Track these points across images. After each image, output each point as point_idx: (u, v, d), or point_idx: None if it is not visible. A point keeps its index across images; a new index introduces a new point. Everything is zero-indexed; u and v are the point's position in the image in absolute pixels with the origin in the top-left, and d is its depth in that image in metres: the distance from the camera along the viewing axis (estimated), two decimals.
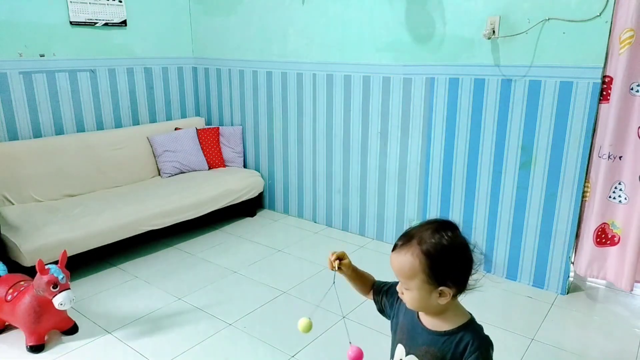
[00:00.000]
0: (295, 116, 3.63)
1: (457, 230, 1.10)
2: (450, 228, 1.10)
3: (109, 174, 3.43)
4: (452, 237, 1.07)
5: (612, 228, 2.45)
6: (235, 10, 3.77)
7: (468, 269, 1.09)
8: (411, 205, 3.18)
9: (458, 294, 1.10)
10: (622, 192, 2.37)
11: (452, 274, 1.06)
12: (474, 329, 1.11)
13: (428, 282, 1.06)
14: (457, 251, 1.07)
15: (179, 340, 2.24)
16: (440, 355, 1.11)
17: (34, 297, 2.09)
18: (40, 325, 2.13)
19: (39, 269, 2.05)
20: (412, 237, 1.09)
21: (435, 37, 2.83)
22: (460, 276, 1.08)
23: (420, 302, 1.10)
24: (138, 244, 3.22)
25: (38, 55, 3.24)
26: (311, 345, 2.20)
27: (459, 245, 1.08)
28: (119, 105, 3.75)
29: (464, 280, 1.09)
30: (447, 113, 2.88)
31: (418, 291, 1.08)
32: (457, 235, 1.09)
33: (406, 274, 1.09)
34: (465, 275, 1.08)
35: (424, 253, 1.06)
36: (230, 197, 3.55)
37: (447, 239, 1.07)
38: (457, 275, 1.07)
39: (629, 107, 2.27)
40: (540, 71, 2.51)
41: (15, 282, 2.22)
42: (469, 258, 1.09)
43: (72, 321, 2.29)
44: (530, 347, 2.21)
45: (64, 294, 2.06)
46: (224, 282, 2.81)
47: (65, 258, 2.16)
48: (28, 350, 2.14)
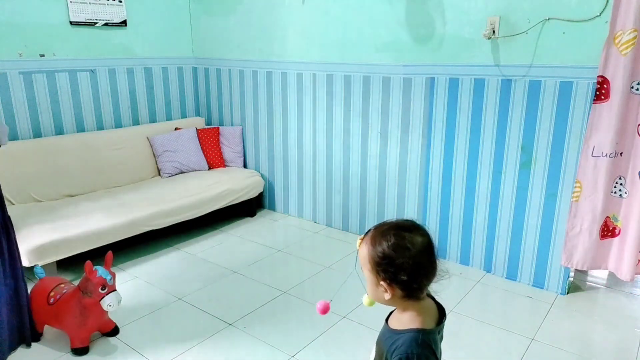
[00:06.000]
0: (295, 116, 3.63)
1: (418, 234, 1.08)
2: (410, 230, 1.09)
3: (109, 174, 3.43)
4: (400, 236, 1.06)
5: (612, 221, 2.49)
6: (235, 10, 3.77)
7: (410, 271, 1.05)
8: (411, 205, 3.18)
9: (407, 297, 1.09)
10: (622, 187, 2.42)
11: (389, 270, 1.06)
12: (413, 337, 1.07)
13: (373, 273, 1.10)
14: (398, 251, 1.05)
15: (179, 340, 2.24)
16: (383, 349, 1.13)
17: (80, 300, 2.07)
18: (86, 328, 2.11)
19: (87, 270, 2.04)
20: (376, 228, 1.12)
21: (435, 37, 2.83)
22: (399, 275, 1.05)
23: (371, 290, 1.13)
24: (138, 244, 3.23)
25: (38, 55, 3.24)
26: (311, 345, 2.20)
27: (402, 246, 1.06)
28: (119, 105, 3.75)
29: (405, 281, 1.06)
30: (447, 113, 2.88)
31: (369, 280, 1.12)
32: (406, 237, 1.06)
33: (361, 262, 1.13)
34: (406, 276, 1.05)
35: (371, 245, 1.09)
36: (230, 197, 3.55)
37: (394, 238, 1.06)
38: (395, 273, 1.06)
39: (630, 105, 2.29)
40: (540, 71, 2.51)
41: (56, 285, 2.21)
42: (413, 260, 1.05)
43: (113, 323, 2.28)
44: (530, 347, 2.21)
45: (112, 295, 2.06)
46: (224, 282, 2.81)
47: (111, 259, 2.16)
48: (72, 354, 2.12)
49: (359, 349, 2.16)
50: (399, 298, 1.09)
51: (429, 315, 1.12)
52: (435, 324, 1.12)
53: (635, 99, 2.28)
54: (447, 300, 2.56)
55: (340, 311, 2.45)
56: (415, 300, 1.10)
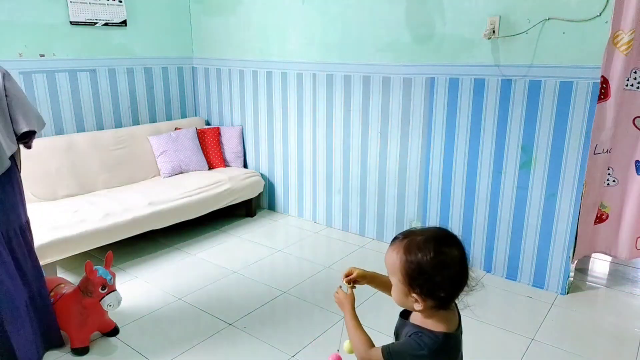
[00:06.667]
0: (295, 116, 3.63)
1: (455, 248, 1.07)
2: (448, 244, 1.07)
3: (108, 174, 3.43)
4: (441, 252, 1.04)
5: (600, 208, 2.63)
6: (235, 10, 3.77)
7: (448, 288, 1.05)
8: (411, 205, 3.18)
9: (438, 308, 1.08)
10: (610, 176, 2.56)
11: (426, 286, 1.04)
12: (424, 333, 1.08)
13: (403, 283, 1.07)
14: (437, 268, 1.04)
15: (179, 340, 2.24)
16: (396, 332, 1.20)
17: (80, 300, 2.07)
18: (86, 328, 2.12)
19: (87, 270, 2.04)
20: (407, 237, 1.10)
21: (435, 37, 2.83)
22: (436, 292, 1.05)
23: (398, 298, 1.11)
24: (138, 244, 3.23)
25: (38, 55, 3.24)
26: (311, 345, 2.20)
27: (443, 264, 1.04)
28: (119, 105, 3.75)
29: (442, 297, 1.05)
30: (447, 113, 2.88)
31: (396, 287, 1.11)
32: (446, 253, 1.05)
33: (389, 268, 1.12)
34: (444, 292, 1.05)
35: (405, 256, 1.06)
36: (230, 197, 3.56)
37: (434, 253, 1.04)
38: (432, 289, 1.04)
39: (623, 100, 2.38)
40: (540, 71, 2.51)
41: (56, 285, 2.20)
42: (451, 278, 1.05)
43: (113, 323, 2.28)
44: (530, 347, 2.21)
45: (112, 295, 2.07)
46: (224, 282, 2.81)
47: (112, 259, 2.16)
48: (72, 354, 2.11)
49: None
50: (429, 308, 1.08)
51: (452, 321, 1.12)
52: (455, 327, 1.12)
53: (628, 94, 2.37)
54: None
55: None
56: (445, 310, 1.10)
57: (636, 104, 2.39)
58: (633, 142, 2.45)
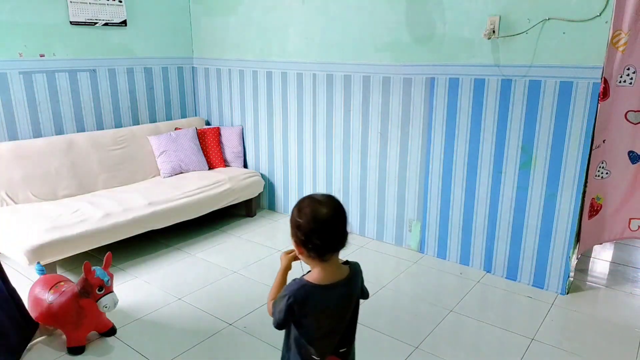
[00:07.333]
0: (295, 116, 3.63)
1: (326, 208, 1.25)
2: (321, 204, 1.25)
3: (108, 174, 3.43)
4: (312, 210, 1.24)
5: (596, 200, 2.68)
6: (235, 10, 3.77)
7: (317, 240, 1.23)
8: (411, 206, 3.18)
9: (314, 258, 1.27)
10: (603, 169, 2.60)
11: (300, 237, 1.26)
12: (295, 281, 1.29)
13: (291, 236, 1.30)
14: (307, 221, 1.23)
15: (179, 340, 2.24)
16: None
17: (77, 300, 2.07)
18: (83, 328, 2.12)
19: (85, 271, 2.05)
20: (298, 201, 1.32)
21: (435, 37, 2.83)
22: (308, 242, 1.24)
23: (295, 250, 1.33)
24: (138, 244, 3.23)
25: (38, 55, 3.24)
26: None
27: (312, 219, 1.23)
28: (119, 105, 3.75)
29: (313, 248, 1.24)
30: (447, 113, 2.88)
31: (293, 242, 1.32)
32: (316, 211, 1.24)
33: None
34: (314, 244, 1.24)
35: (291, 215, 1.30)
36: (230, 197, 3.56)
37: (306, 210, 1.25)
38: (305, 240, 1.25)
39: (616, 96, 2.44)
40: (540, 71, 2.51)
41: (55, 283, 2.20)
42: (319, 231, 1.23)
43: (111, 323, 2.27)
44: (530, 347, 2.21)
45: (109, 296, 2.07)
46: (224, 282, 2.81)
47: (110, 260, 2.16)
48: (68, 353, 2.12)
49: (359, 348, 2.16)
50: (307, 257, 1.28)
51: (330, 275, 1.29)
52: (330, 282, 1.29)
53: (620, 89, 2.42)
54: (447, 300, 2.57)
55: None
56: (321, 261, 1.27)
57: (628, 99, 2.43)
58: (625, 135, 2.51)
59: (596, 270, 3.04)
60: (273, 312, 1.30)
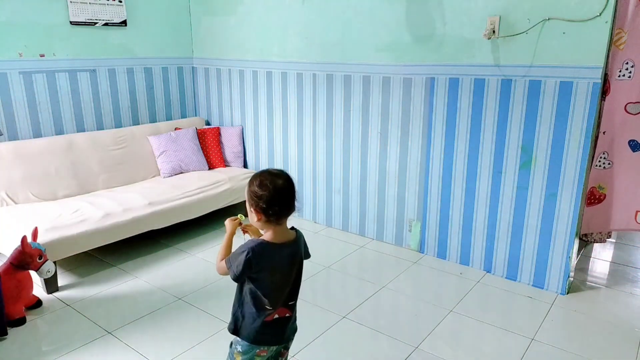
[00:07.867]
0: (295, 116, 3.63)
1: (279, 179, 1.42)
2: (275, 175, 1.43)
3: (108, 174, 3.43)
4: (267, 180, 1.41)
5: (598, 189, 2.71)
6: (235, 11, 3.77)
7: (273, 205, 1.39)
8: (411, 205, 3.18)
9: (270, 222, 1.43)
10: (605, 160, 2.64)
11: (257, 204, 1.41)
12: (253, 240, 1.46)
13: (248, 204, 1.46)
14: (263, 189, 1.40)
15: (179, 340, 2.24)
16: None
17: (14, 275, 2.25)
18: (21, 301, 2.31)
19: (23, 244, 2.29)
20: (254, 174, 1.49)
21: (435, 37, 2.83)
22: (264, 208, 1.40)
23: (251, 219, 1.47)
24: (138, 244, 3.23)
25: (38, 55, 3.24)
26: (311, 345, 2.20)
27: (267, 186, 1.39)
28: (119, 105, 3.75)
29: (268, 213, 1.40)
30: (447, 113, 2.88)
31: (249, 212, 1.47)
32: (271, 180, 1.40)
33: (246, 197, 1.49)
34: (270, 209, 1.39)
35: (248, 186, 1.45)
36: (230, 197, 3.56)
37: (262, 179, 1.41)
38: (262, 207, 1.40)
39: (616, 90, 2.47)
40: (540, 71, 2.51)
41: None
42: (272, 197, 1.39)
43: (37, 297, 2.48)
44: (530, 347, 2.21)
45: (48, 262, 2.39)
46: (224, 282, 2.81)
47: (37, 233, 2.42)
48: (10, 326, 2.24)
49: (359, 348, 2.17)
50: (265, 222, 1.43)
51: (281, 236, 1.47)
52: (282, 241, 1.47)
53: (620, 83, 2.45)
54: (447, 300, 2.57)
55: (340, 311, 2.45)
56: (276, 225, 1.44)
57: (627, 92, 2.46)
58: (626, 126, 2.54)
59: (596, 270, 3.04)
60: (230, 267, 1.47)
